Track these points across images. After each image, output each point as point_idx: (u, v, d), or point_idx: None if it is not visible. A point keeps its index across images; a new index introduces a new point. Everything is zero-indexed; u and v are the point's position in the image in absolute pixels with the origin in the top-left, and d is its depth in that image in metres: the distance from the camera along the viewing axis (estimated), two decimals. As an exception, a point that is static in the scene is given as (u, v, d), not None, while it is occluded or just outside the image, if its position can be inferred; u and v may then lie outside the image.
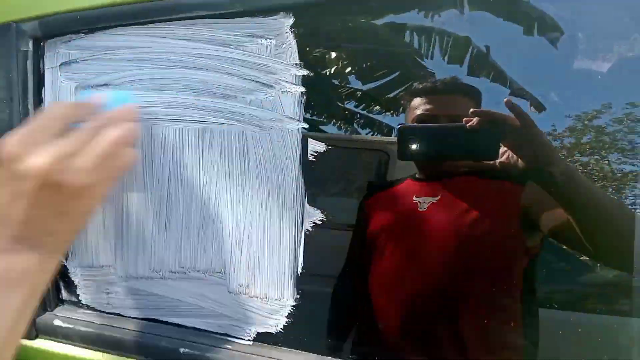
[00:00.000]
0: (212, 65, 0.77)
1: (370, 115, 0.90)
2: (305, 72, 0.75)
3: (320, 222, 0.77)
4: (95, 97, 0.67)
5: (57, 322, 0.91)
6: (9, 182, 0.57)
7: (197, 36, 0.77)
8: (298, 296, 0.79)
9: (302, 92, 0.75)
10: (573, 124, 0.69)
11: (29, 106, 0.85)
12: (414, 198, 0.84)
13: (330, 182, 0.86)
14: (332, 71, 0.87)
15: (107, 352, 0.87)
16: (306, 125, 0.76)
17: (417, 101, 0.81)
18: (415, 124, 0.81)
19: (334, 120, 0.90)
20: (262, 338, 0.81)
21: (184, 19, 0.77)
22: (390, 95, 0.86)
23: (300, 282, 0.79)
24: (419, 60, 0.83)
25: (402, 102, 0.83)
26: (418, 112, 0.81)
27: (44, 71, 0.85)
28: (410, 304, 0.84)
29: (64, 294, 0.93)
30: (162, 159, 0.81)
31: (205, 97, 0.78)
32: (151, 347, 0.84)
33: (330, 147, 0.76)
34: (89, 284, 0.90)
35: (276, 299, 0.80)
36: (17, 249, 0.58)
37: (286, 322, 0.80)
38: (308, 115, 0.76)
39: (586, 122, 0.67)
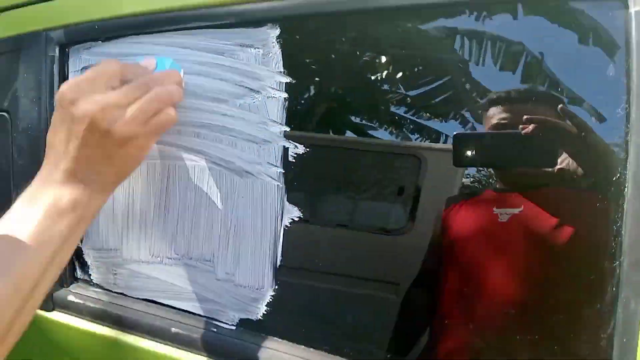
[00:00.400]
0: (208, 71, 0.85)
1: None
2: (288, 79, 0.81)
3: (297, 219, 0.84)
4: (146, 61, 0.77)
5: (71, 298, 1.01)
6: (66, 122, 0.67)
7: (197, 44, 0.86)
8: (277, 286, 0.86)
9: (285, 98, 0.82)
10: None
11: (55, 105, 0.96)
12: (495, 209, 0.83)
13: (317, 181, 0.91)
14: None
15: (111, 328, 0.97)
16: (288, 129, 0.82)
17: (492, 110, 0.80)
18: (469, 132, 0.82)
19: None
20: (244, 324, 0.88)
21: (187, 29, 0.86)
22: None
23: (279, 273, 0.85)
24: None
25: (480, 111, 0.83)
26: (493, 121, 0.80)
27: (68, 74, 0.97)
28: (487, 318, 0.84)
29: (79, 273, 1.04)
30: (163, 155, 0.90)
31: (200, 100, 0.86)
32: (147, 325, 0.93)
33: (309, 148, 0.82)
34: (99, 265, 1.00)
35: (257, 288, 0.86)
36: (69, 181, 0.68)
37: (265, 310, 0.86)
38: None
39: None
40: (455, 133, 0.79)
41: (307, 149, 0.83)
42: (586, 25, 0.68)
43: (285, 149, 0.83)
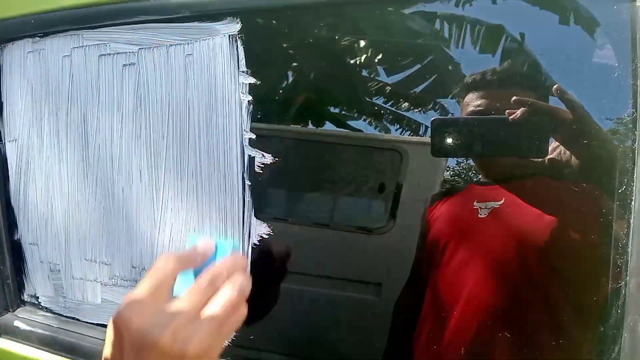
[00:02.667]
0: (159, 71, 0.76)
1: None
2: (252, 80, 0.72)
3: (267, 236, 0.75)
4: (205, 244, 0.66)
5: (18, 323, 0.92)
6: (133, 351, 0.57)
7: (147, 41, 0.76)
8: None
9: (249, 101, 0.73)
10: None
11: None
12: (475, 203, 0.78)
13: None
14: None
15: (63, 356, 0.88)
16: (253, 136, 0.73)
17: (469, 97, 0.74)
18: (448, 117, 0.74)
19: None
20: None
21: (132, 24, 0.76)
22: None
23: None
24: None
25: (457, 99, 0.77)
26: (470, 109, 0.73)
27: (1, 75, 0.86)
28: (465, 316, 0.79)
29: (25, 296, 0.94)
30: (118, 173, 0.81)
31: (153, 105, 0.77)
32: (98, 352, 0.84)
33: (278, 158, 0.74)
34: (48, 286, 0.91)
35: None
36: None
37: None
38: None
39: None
40: (433, 118, 0.70)
41: (276, 157, 0.74)
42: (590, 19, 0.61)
43: (251, 159, 0.74)
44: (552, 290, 0.73)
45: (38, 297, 0.92)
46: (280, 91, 0.87)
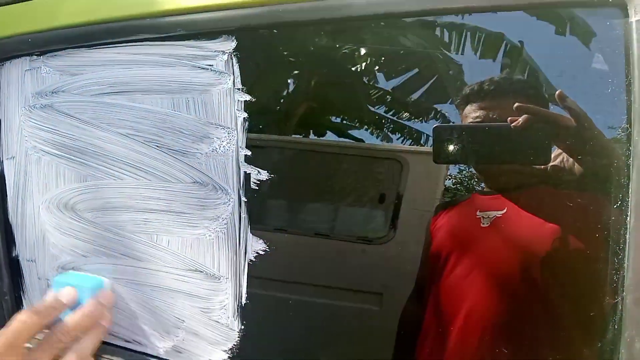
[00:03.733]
0: (156, 89, 0.76)
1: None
2: (247, 98, 0.72)
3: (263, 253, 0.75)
4: (67, 294, 0.71)
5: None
6: None
7: (143, 59, 0.76)
8: (242, 327, 0.77)
9: (244, 118, 0.73)
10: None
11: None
12: (478, 213, 0.77)
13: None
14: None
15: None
16: (249, 152, 0.73)
17: (468, 109, 0.74)
18: (451, 124, 0.75)
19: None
20: None
21: (131, 42, 0.76)
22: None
23: (245, 313, 0.77)
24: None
25: (458, 109, 0.77)
26: (470, 120, 0.74)
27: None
28: (468, 327, 0.78)
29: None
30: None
31: (149, 124, 0.77)
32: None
33: (273, 175, 0.74)
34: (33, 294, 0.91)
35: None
36: None
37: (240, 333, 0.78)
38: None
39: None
40: (435, 125, 0.69)
41: (272, 175, 0.74)
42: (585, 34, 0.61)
43: (247, 175, 0.74)
44: (552, 303, 0.72)
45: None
46: (279, 102, 0.87)
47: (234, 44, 0.71)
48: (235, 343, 0.77)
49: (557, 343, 0.70)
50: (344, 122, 0.90)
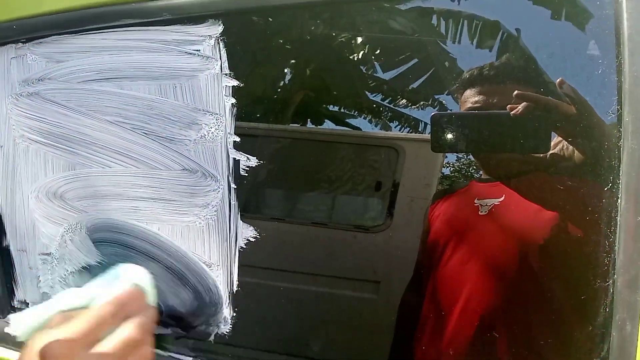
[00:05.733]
0: (141, 74, 0.75)
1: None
2: (235, 83, 0.72)
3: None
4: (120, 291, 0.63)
5: (8, 330, 0.91)
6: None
7: (128, 45, 0.75)
8: (234, 313, 0.77)
9: (232, 104, 0.72)
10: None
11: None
12: (476, 201, 0.76)
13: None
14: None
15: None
16: (237, 139, 0.72)
17: (467, 93, 0.72)
18: (449, 112, 0.73)
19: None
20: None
21: (116, 27, 0.75)
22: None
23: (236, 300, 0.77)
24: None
25: (454, 95, 0.75)
26: (468, 105, 0.72)
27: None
28: (466, 314, 0.78)
29: (16, 301, 0.93)
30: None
31: (137, 111, 0.76)
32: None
33: (263, 162, 0.73)
34: (36, 292, 0.90)
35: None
36: None
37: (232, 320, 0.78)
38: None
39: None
40: (433, 114, 0.68)
41: (262, 161, 0.73)
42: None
43: (236, 162, 0.73)
44: (548, 289, 0.72)
45: (28, 303, 0.92)
46: (273, 90, 0.86)
47: (220, 28, 0.70)
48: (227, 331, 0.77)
49: (550, 327, 0.70)
50: (339, 109, 0.89)
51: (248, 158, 0.73)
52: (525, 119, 0.62)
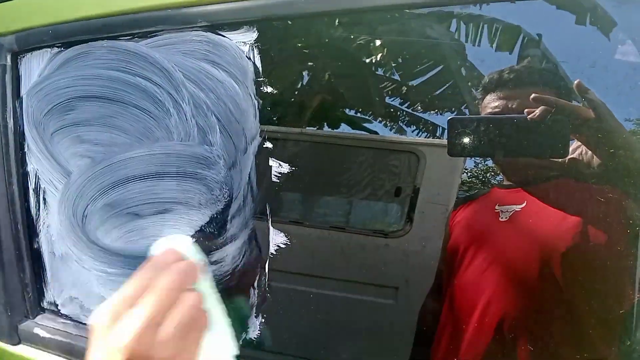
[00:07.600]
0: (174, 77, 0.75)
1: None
2: (268, 89, 0.72)
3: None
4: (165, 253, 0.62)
5: (37, 330, 0.92)
6: (104, 353, 0.57)
7: (160, 51, 0.76)
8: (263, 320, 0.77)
9: (262, 109, 0.72)
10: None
11: (7, 117, 0.86)
12: (496, 207, 0.76)
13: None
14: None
15: (81, 363, 0.88)
16: (270, 145, 0.73)
17: (488, 98, 0.73)
18: (466, 116, 0.74)
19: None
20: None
21: (150, 33, 0.76)
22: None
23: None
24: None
25: (476, 101, 0.76)
26: (489, 110, 0.72)
27: (20, 84, 0.86)
28: (485, 321, 0.77)
29: (45, 303, 0.94)
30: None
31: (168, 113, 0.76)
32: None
33: (294, 167, 0.73)
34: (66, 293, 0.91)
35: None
36: None
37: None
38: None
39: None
40: (450, 118, 0.67)
41: (293, 161, 0.73)
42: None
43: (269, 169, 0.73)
44: (574, 299, 0.71)
45: (57, 305, 0.92)
46: (296, 95, 0.87)
47: (255, 35, 0.71)
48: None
49: (571, 336, 0.69)
50: (361, 114, 0.89)
51: (280, 164, 0.73)
52: (542, 122, 0.62)
